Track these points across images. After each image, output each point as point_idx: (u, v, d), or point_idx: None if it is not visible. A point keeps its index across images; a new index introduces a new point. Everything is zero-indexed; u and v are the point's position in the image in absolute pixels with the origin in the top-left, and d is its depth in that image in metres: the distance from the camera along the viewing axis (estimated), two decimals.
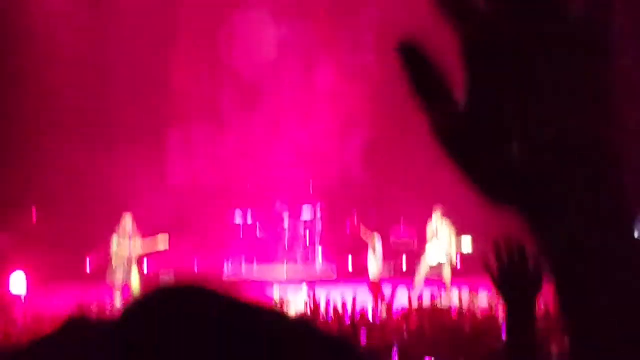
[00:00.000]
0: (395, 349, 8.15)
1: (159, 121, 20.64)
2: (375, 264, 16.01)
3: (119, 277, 16.15)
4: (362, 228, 16.31)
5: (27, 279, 16.32)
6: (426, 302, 12.11)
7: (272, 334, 0.83)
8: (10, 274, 16.16)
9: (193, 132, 21.30)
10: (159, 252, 16.75)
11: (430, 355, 8.30)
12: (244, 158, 21.11)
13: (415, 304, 11.72)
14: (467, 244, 16.80)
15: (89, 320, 0.95)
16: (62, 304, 14.42)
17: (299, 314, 11.95)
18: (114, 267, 16.30)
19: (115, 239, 16.20)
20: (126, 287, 16.21)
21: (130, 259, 16.21)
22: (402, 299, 12.65)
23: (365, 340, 9.64)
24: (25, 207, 18.74)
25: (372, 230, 16.25)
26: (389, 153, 19.64)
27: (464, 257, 18.09)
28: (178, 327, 0.85)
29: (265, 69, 20.87)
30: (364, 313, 11.33)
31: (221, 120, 21.40)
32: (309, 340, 0.83)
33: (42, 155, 18.20)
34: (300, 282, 17.38)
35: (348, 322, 10.90)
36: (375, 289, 15.23)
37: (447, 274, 16.15)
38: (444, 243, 16.25)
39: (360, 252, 19.54)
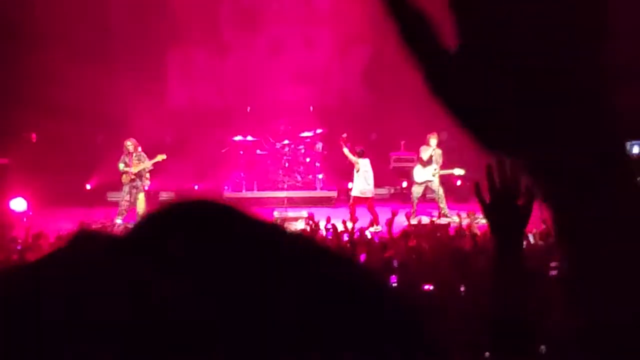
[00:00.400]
0: (395, 264, 8.18)
1: (159, 43, 20.53)
2: (357, 184, 16.11)
3: (125, 198, 16.26)
4: (345, 150, 16.37)
5: (28, 203, 16.39)
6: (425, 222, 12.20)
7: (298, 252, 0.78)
8: (10, 200, 16.22)
9: (193, 54, 21.21)
10: (159, 165, 16.73)
11: (429, 271, 8.33)
12: (244, 80, 21.05)
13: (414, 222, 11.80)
14: (459, 171, 16.86)
15: (101, 234, 0.78)
16: (64, 224, 14.55)
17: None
18: (122, 188, 16.46)
19: (121, 160, 16.27)
20: (131, 209, 16.35)
21: (135, 179, 16.30)
22: (401, 221, 12.73)
23: (364, 258, 9.72)
24: (25, 133, 18.73)
25: (358, 151, 16.31)
26: (391, 74, 19.57)
27: (458, 186, 18.24)
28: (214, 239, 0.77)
29: None
30: (362, 233, 11.41)
31: (221, 42, 21.29)
32: (324, 257, 0.80)
33: (42, 81, 18.09)
34: (301, 206, 17.48)
35: (347, 241, 10.99)
36: (352, 209, 15.46)
37: (439, 192, 16.30)
38: (435, 165, 16.37)
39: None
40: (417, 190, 16.55)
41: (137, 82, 19.28)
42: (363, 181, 16.09)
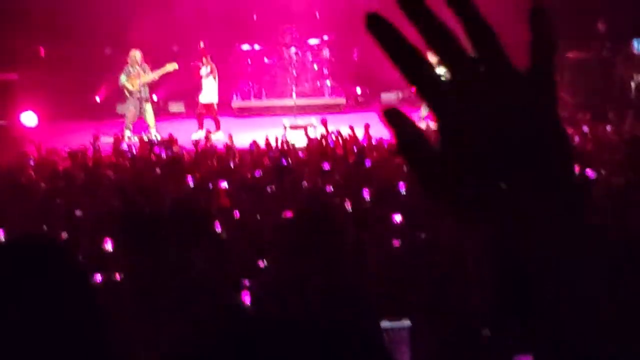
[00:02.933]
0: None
1: None
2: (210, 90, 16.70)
3: (131, 110, 16.30)
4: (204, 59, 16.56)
5: (38, 117, 16.45)
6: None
7: None
8: (20, 113, 16.28)
9: None
10: (169, 75, 16.80)
11: None
12: None
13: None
14: None
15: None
16: (74, 138, 14.67)
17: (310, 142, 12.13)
18: (126, 100, 16.48)
19: (124, 72, 16.25)
20: (139, 121, 16.41)
21: (141, 91, 16.30)
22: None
23: (369, 163, 9.83)
24: (33, 48, 18.64)
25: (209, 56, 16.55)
26: None
27: None
28: None
29: None
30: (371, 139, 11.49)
31: None
32: None
33: None
34: (310, 113, 17.49)
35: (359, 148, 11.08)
36: (199, 117, 15.90)
37: None
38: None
39: (370, 82, 19.57)
40: None
41: None
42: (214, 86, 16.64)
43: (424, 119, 15.28)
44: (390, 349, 3.17)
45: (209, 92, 16.62)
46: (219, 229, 6.38)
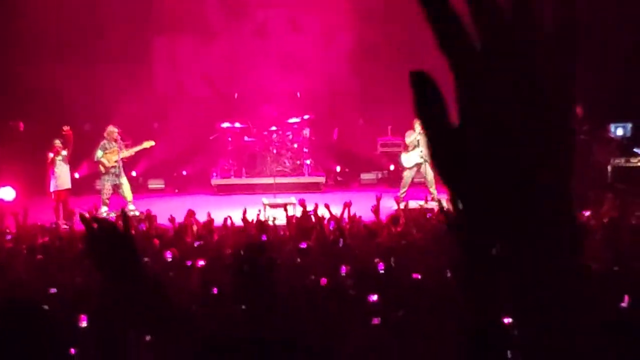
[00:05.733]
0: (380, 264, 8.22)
1: (145, 30, 20.52)
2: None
3: (107, 186, 16.30)
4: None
5: (17, 192, 16.38)
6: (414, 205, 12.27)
7: None
8: None
9: (179, 40, 21.20)
10: (147, 151, 16.84)
11: (418, 257, 8.40)
12: (231, 66, 21.07)
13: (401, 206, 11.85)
14: None
15: None
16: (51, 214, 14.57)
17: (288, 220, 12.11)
18: (102, 176, 16.48)
19: (100, 148, 16.29)
20: (115, 196, 16.39)
21: (117, 167, 16.32)
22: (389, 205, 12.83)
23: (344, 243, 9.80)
24: (12, 122, 18.67)
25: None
26: (377, 60, 19.62)
27: None
28: None
29: None
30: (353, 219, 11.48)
31: (208, 28, 21.28)
32: None
33: (28, 68, 18.06)
34: (289, 192, 17.53)
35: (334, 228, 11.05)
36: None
37: (429, 176, 16.33)
38: (422, 148, 16.37)
39: (350, 162, 19.72)
40: (408, 175, 16.61)
41: (124, 70, 19.25)
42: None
43: (402, 198, 15.38)
44: None
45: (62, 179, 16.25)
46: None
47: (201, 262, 8.45)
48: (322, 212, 11.75)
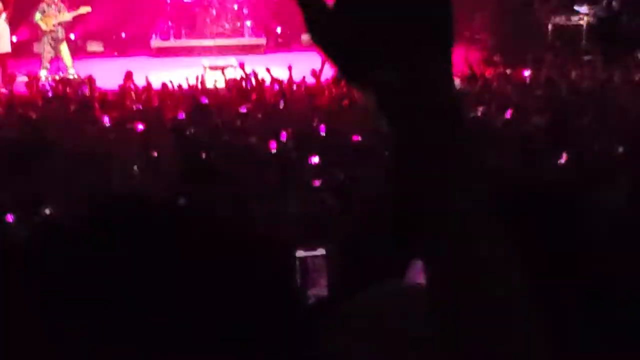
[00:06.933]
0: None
1: None
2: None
3: (47, 49, 16.01)
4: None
5: None
6: None
7: None
8: None
9: None
10: (83, 16, 16.51)
11: (359, 119, 8.44)
12: None
13: None
14: None
15: None
16: None
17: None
18: (41, 39, 16.15)
19: (39, 10, 15.89)
20: (55, 60, 16.11)
21: (57, 31, 15.99)
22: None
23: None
24: None
25: None
26: None
27: None
28: None
29: None
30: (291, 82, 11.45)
31: None
32: None
33: None
34: (229, 53, 17.33)
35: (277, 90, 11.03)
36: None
37: None
38: None
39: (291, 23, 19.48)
40: None
41: None
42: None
43: None
44: (306, 276, 3.32)
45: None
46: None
47: (140, 126, 8.43)
48: (264, 75, 11.70)
